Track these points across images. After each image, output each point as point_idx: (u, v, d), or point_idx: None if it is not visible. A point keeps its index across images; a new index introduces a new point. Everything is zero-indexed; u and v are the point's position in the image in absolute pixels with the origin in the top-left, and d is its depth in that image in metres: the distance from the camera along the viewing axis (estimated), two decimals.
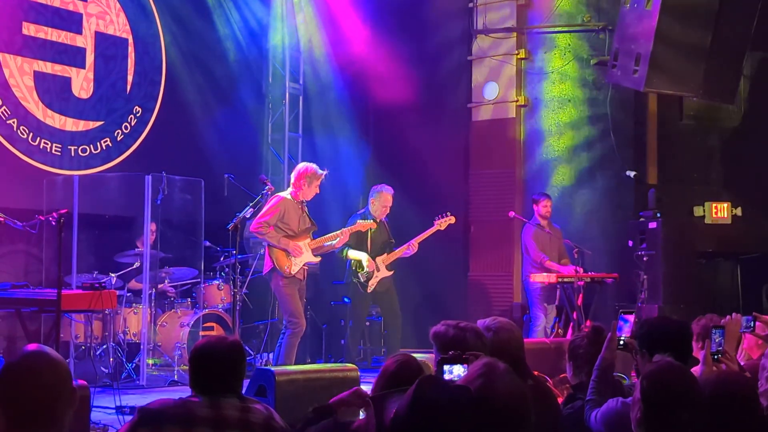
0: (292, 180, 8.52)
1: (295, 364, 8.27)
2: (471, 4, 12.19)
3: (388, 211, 9.30)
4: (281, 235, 8.26)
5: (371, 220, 9.14)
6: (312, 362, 10.17)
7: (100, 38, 10.23)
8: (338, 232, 8.81)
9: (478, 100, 12.15)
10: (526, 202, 11.66)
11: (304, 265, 8.41)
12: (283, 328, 8.40)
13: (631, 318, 4.27)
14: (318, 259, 8.68)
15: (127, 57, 10.50)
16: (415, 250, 9.33)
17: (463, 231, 11.83)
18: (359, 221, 9.00)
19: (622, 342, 4.20)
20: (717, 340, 4.44)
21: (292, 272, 8.28)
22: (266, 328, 10.30)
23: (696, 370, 4.27)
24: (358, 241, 9.21)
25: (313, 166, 8.51)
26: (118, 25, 10.41)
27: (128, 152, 10.42)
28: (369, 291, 9.24)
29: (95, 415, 6.51)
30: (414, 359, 3.59)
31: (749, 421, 3.04)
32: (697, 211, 11.30)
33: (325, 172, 8.54)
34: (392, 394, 2.44)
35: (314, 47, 12.51)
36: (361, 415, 3.36)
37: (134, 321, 9.19)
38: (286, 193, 8.48)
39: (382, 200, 9.27)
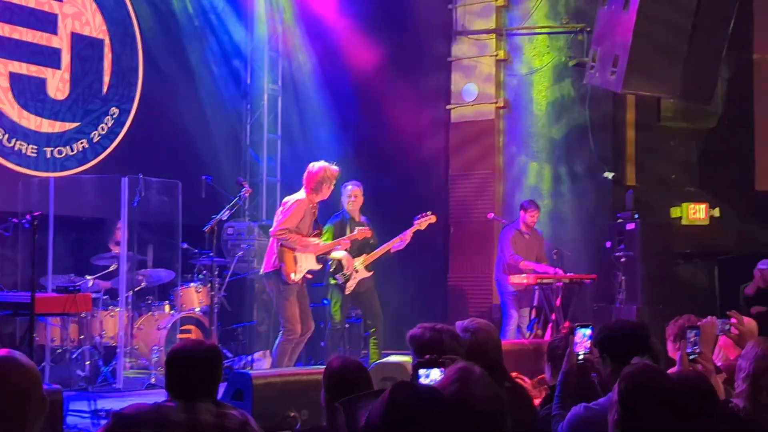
0: (311, 183, 8.31)
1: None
2: (450, 6, 12.20)
3: (359, 205, 9.22)
4: (299, 236, 8.17)
5: (350, 220, 9.10)
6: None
7: (76, 39, 10.15)
8: (338, 240, 8.76)
9: (458, 102, 12.15)
10: (504, 203, 11.69)
11: (306, 272, 8.34)
12: (280, 335, 8.31)
13: (588, 332, 4.23)
14: (320, 266, 8.61)
15: (103, 58, 10.42)
16: (407, 241, 9.23)
17: (443, 232, 11.82)
18: (357, 228, 8.94)
19: (581, 357, 4.18)
20: (692, 340, 4.43)
21: (296, 280, 8.20)
22: (245, 330, 10.24)
23: (672, 371, 4.27)
24: None
25: (329, 166, 8.36)
26: (95, 26, 10.34)
27: (105, 154, 10.35)
28: (348, 293, 9.18)
29: (70, 420, 6.47)
30: (353, 359, 3.69)
31: (708, 419, 3.05)
32: (675, 212, 11.33)
33: (339, 169, 8.42)
34: (362, 398, 2.42)
35: (293, 49, 12.46)
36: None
37: (111, 324, 9.11)
38: (301, 195, 8.32)
39: (347, 195, 9.20)
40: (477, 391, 2.40)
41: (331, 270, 9.13)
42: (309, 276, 8.46)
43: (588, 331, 4.22)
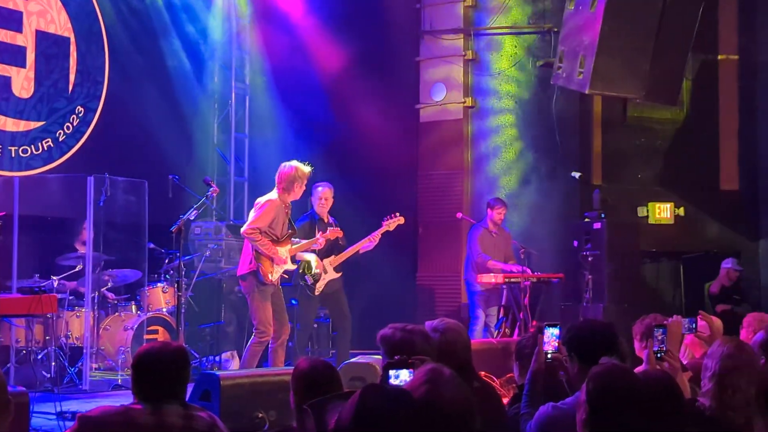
0: (283, 183, 8.21)
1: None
2: (418, 5, 12.21)
3: (329, 206, 9.20)
4: (270, 241, 8.09)
5: (319, 220, 9.09)
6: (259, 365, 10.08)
7: (41, 37, 10.04)
8: (314, 239, 8.72)
9: (426, 102, 12.17)
10: (473, 203, 11.72)
11: (283, 272, 8.30)
12: (252, 336, 8.24)
13: (556, 331, 4.25)
14: (294, 266, 8.56)
15: (68, 56, 10.32)
16: (376, 242, 9.21)
17: (412, 232, 11.83)
18: (330, 229, 8.90)
19: (549, 356, 4.20)
20: (660, 338, 4.46)
21: (272, 280, 8.15)
22: (212, 331, 10.19)
23: (639, 369, 4.30)
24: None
25: (301, 165, 8.26)
26: (60, 24, 10.24)
27: (70, 153, 10.25)
28: (317, 293, 9.16)
29: (36, 421, 6.40)
30: (322, 360, 3.70)
31: (675, 418, 3.07)
32: (641, 211, 11.42)
33: (311, 169, 8.39)
34: (331, 400, 2.41)
35: (262, 48, 12.42)
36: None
37: (77, 324, 9.04)
38: (273, 195, 8.22)
39: (318, 196, 9.18)
40: (446, 392, 2.40)
41: (300, 271, 9.10)
42: (285, 276, 8.43)
43: (556, 331, 4.24)
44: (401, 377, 2.84)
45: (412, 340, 3.83)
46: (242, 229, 8.22)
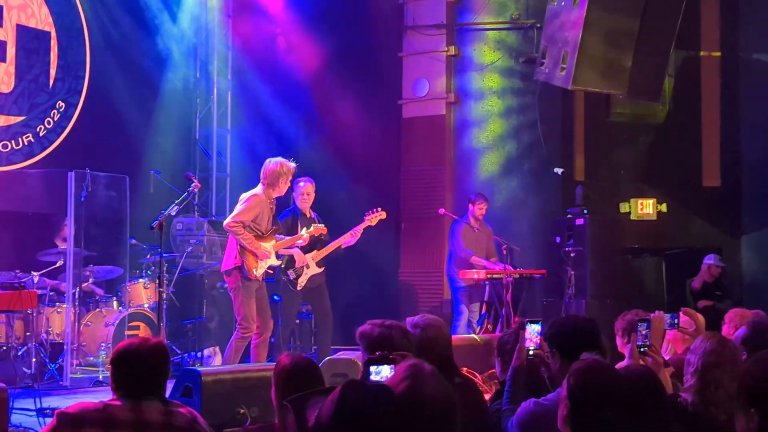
0: (266, 178, 8.19)
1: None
2: (401, 1, 12.18)
3: (311, 201, 9.17)
4: (253, 236, 8.06)
5: (301, 216, 9.06)
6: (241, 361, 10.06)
7: (22, 31, 9.97)
8: (299, 234, 8.69)
9: (409, 97, 12.15)
10: (456, 199, 11.71)
11: (267, 268, 8.26)
12: (235, 332, 8.21)
13: (538, 327, 4.25)
14: (279, 262, 8.53)
15: (49, 50, 10.25)
16: (358, 237, 9.19)
17: (394, 228, 11.82)
18: (315, 226, 8.88)
19: (531, 353, 4.19)
20: (643, 333, 4.47)
21: (257, 275, 8.12)
22: (194, 326, 10.15)
23: (622, 364, 4.30)
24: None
25: (285, 161, 8.24)
26: (41, 18, 10.17)
27: (51, 148, 10.19)
28: (299, 288, 9.13)
29: (16, 418, 6.36)
30: (304, 356, 3.69)
31: (656, 413, 3.07)
32: (623, 207, 11.45)
33: (296, 165, 8.36)
34: (311, 396, 2.39)
35: (244, 43, 12.37)
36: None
37: (57, 320, 8.98)
38: (258, 191, 8.19)
39: (300, 191, 9.15)
40: (427, 388, 2.38)
41: (282, 266, 9.07)
42: (270, 272, 8.40)
43: (538, 327, 4.23)
44: (382, 373, 2.82)
45: (390, 336, 3.82)
46: (225, 222, 8.18)
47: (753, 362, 2.34)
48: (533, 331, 4.20)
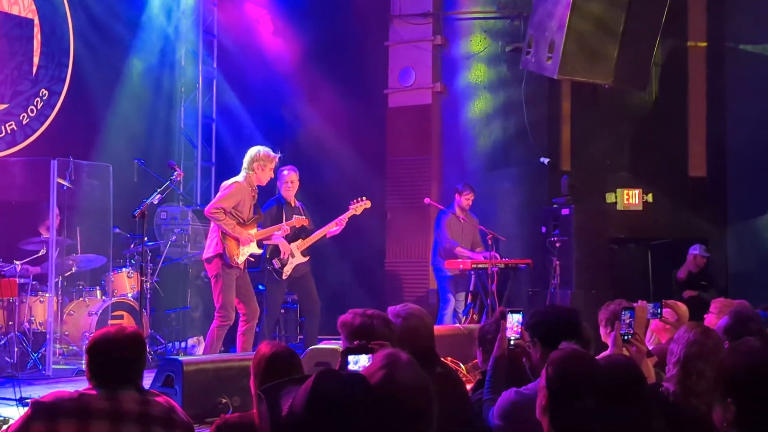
0: (245, 165, 8.21)
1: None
2: None
3: (295, 190, 9.14)
4: (234, 222, 8.03)
5: (285, 204, 9.02)
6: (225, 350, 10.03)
7: (4, 18, 9.88)
8: (279, 225, 8.66)
9: (395, 86, 12.11)
10: (442, 189, 11.69)
11: (249, 255, 8.22)
12: (214, 320, 8.17)
13: (519, 317, 4.23)
14: (260, 250, 8.49)
15: (32, 38, 10.17)
16: (343, 226, 9.15)
17: (380, 217, 11.80)
18: (296, 217, 8.85)
19: (512, 343, 4.18)
20: (627, 321, 4.46)
21: (239, 262, 8.08)
22: (178, 316, 10.11)
23: (605, 354, 4.29)
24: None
25: (266, 149, 8.24)
26: (23, 6, 10.08)
27: (34, 136, 10.11)
28: (284, 278, 9.09)
29: None
30: (284, 345, 3.68)
31: (636, 403, 3.06)
32: (609, 197, 11.44)
33: (278, 155, 8.32)
34: (286, 384, 2.36)
35: (229, 32, 12.31)
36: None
37: (40, 310, 8.93)
38: (240, 178, 8.19)
39: (284, 180, 9.11)
40: (403, 378, 2.35)
41: (267, 255, 9.04)
42: (252, 260, 8.36)
43: (519, 317, 4.21)
44: (360, 362, 2.80)
45: (372, 325, 3.79)
46: (206, 209, 8.15)
47: (730, 352, 2.33)
48: (514, 320, 4.18)
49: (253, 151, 8.24)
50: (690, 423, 3.72)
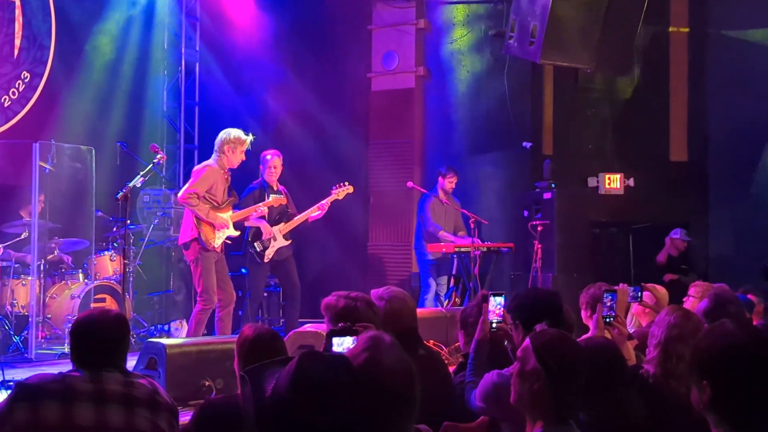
0: (216, 147, 8.17)
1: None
2: None
3: (278, 174, 9.12)
4: (208, 207, 8.02)
5: (268, 188, 9.01)
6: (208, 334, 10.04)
7: None
8: (255, 206, 8.64)
9: (378, 70, 12.10)
10: (425, 173, 11.71)
11: (226, 238, 8.21)
12: (196, 304, 8.16)
13: (501, 300, 4.27)
14: (237, 233, 8.47)
15: (14, 20, 10.10)
16: (325, 211, 9.14)
17: (363, 201, 11.81)
18: (273, 196, 8.84)
19: (494, 325, 4.21)
20: (609, 304, 4.49)
21: (215, 246, 8.07)
22: (161, 299, 10.10)
23: (587, 336, 4.33)
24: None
25: (237, 131, 8.17)
26: None
27: (16, 119, 10.06)
28: (266, 261, 9.09)
29: None
30: (267, 327, 3.71)
31: (615, 385, 3.09)
32: (591, 181, 11.48)
33: (250, 137, 8.29)
34: (269, 366, 2.38)
35: (212, 14, 12.26)
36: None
37: (22, 293, 8.91)
38: (211, 162, 8.15)
39: (267, 165, 9.09)
40: (386, 360, 2.38)
41: (249, 239, 9.04)
42: (229, 242, 8.35)
43: (501, 300, 4.25)
44: (344, 345, 2.82)
45: (355, 307, 3.82)
46: (179, 195, 8.13)
47: (705, 334, 2.36)
48: (496, 303, 4.22)
49: (223, 134, 8.19)
50: (669, 405, 3.77)
